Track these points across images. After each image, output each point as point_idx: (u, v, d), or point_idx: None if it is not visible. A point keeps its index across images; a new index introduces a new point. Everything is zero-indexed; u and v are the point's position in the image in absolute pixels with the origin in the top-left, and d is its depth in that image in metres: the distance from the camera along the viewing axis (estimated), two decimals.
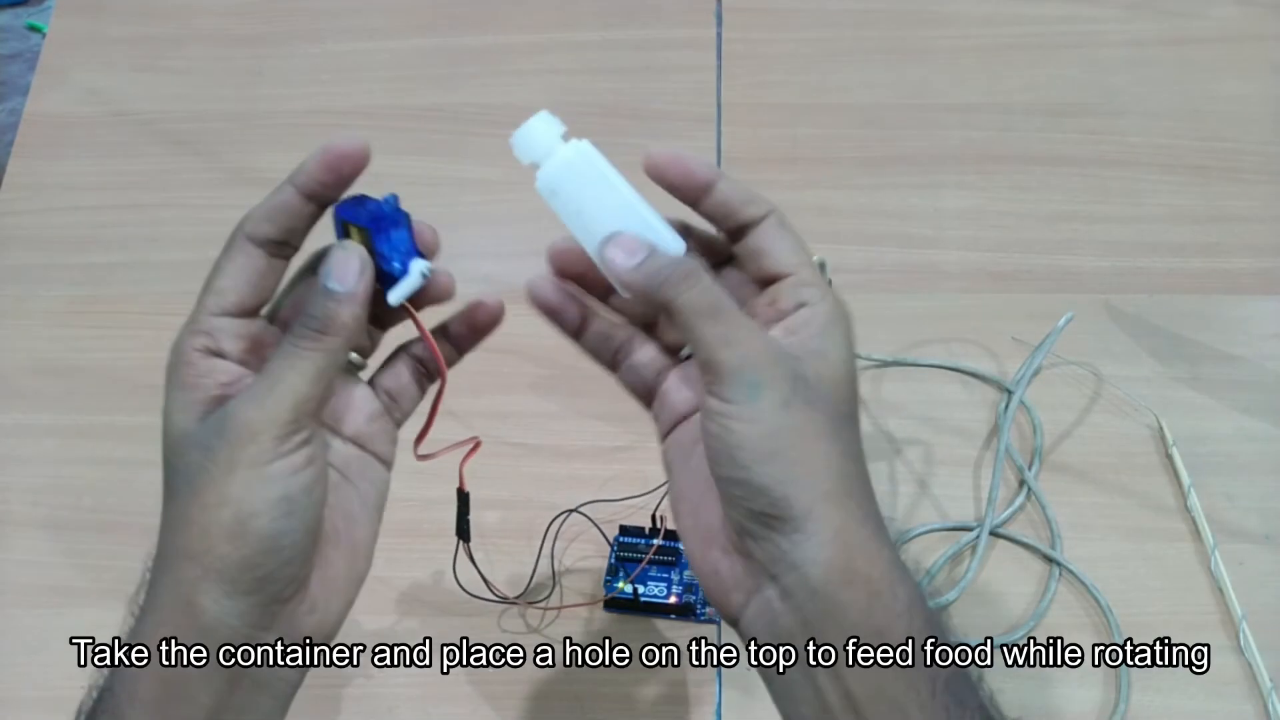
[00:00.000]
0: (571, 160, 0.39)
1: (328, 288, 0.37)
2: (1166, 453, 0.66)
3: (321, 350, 0.37)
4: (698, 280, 0.37)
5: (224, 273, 0.38)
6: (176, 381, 0.37)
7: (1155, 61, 0.84)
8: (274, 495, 0.36)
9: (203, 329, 0.37)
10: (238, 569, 0.35)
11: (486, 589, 0.56)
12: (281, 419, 0.36)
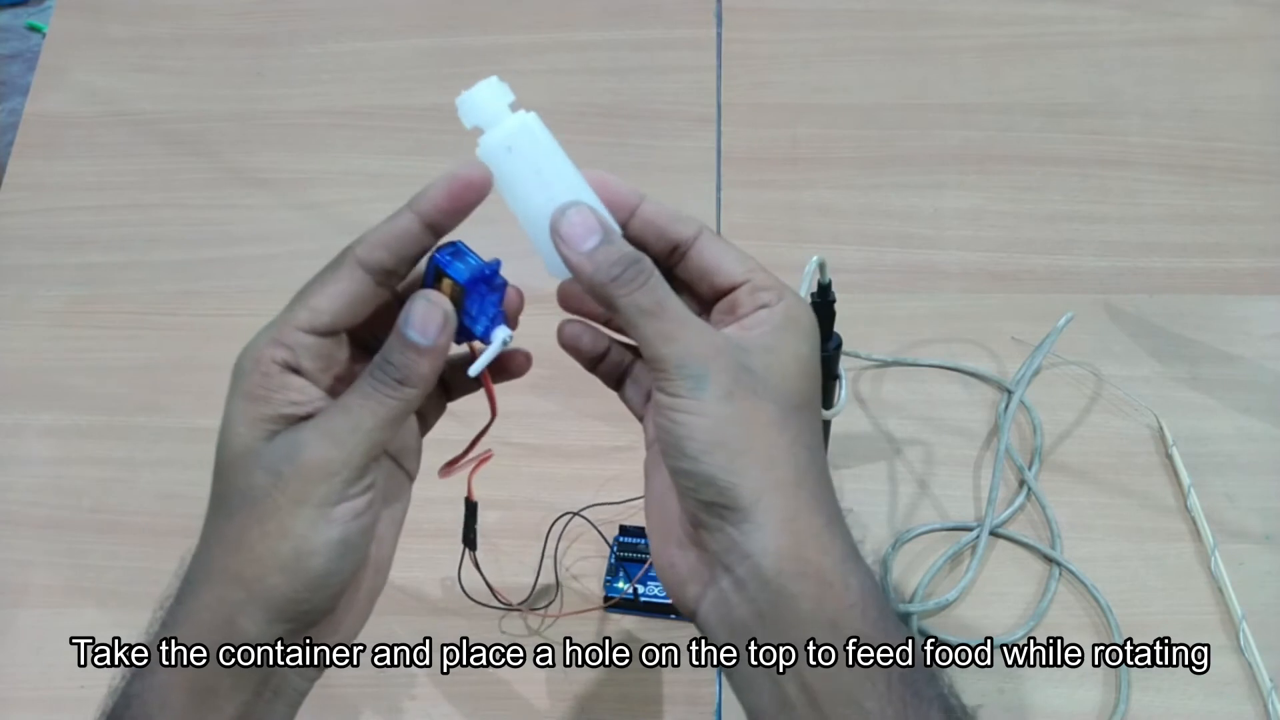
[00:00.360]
0: (517, 130, 0.38)
1: (409, 337, 0.37)
2: (1166, 453, 0.66)
3: (401, 400, 0.37)
4: (644, 279, 0.37)
5: (325, 292, 0.37)
6: (246, 390, 0.36)
7: (1155, 61, 0.84)
8: (335, 537, 0.36)
9: (286, 342, 0.37)
10: (285, 601, 0.36)
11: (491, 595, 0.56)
12: (356, 463, 0.36)
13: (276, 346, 0.37)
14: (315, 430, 0.36)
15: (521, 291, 0.41)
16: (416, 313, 0.37)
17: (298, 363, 0.37)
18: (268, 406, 0.36)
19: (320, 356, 0.38)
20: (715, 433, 0.36)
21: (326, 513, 0.36)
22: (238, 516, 0.36)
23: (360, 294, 0.37)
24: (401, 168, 0.79)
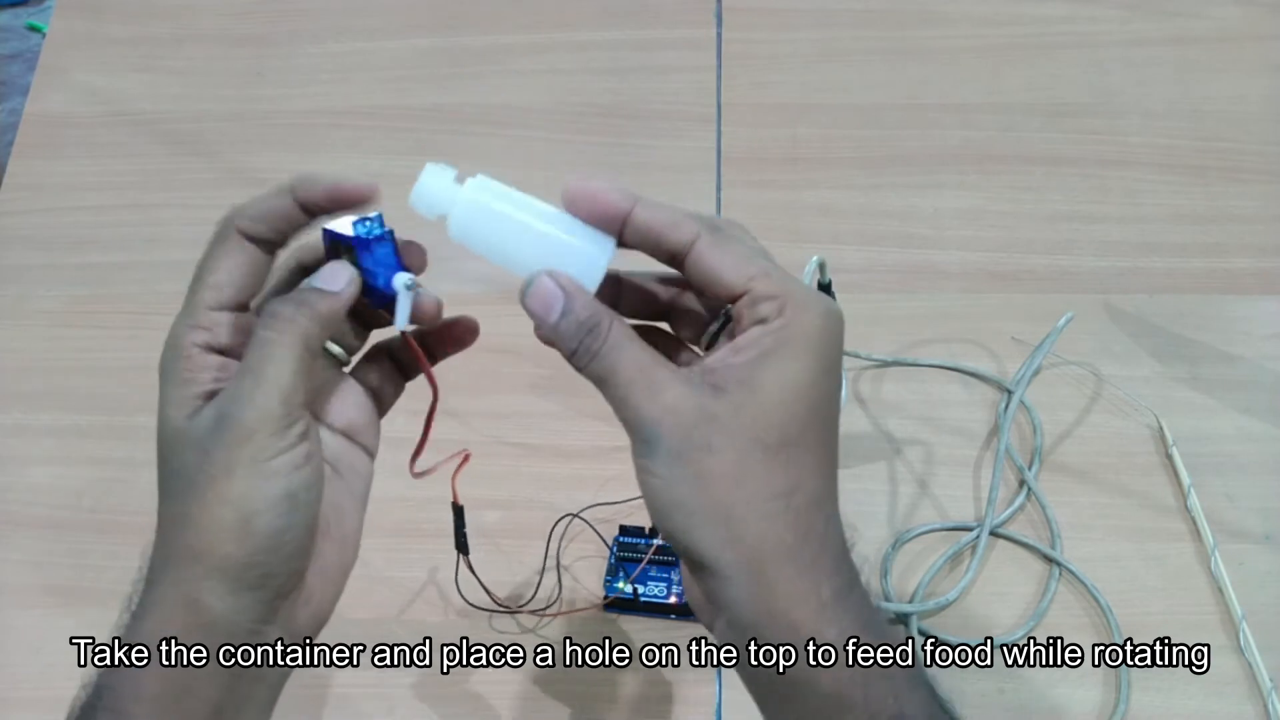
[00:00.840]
0: (472, 201, 0.38)
1: (313, 285, 0.38)
2: (1166, 453, 0.66)
3: (294, 335, 0.37)
4: (596, 347, 0.37)
5: (218, 267, 0.38)
6: (173, 377, 0.37)
7: (1155, 61, 0.84)
8: (277, 492, 0.36)
9: (201, 324, 0.37)
10: (242, 567, 0.36)
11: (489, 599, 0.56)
12: (273, 413, 0.36)
13: (194, 329, 0.37)
14: (225, 397, 0.36)
15: (420, 244, 0.40)
16: (324, 270, 0.38)
17: (218, 341, 0.37)
18: (194, 387, 0.37)
19: (239, 330, 0.38)
20: (668, 494, 0.36)
21: (260, 469, 0.36)
22: (179, 498, 0.36)
23: (250, 262, 0.38)
24: (401, 168, 0.78)
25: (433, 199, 0.38)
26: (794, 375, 0.36)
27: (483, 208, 0.38)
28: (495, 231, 0.38)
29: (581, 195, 0.38)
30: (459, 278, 0.70)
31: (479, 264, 0.77)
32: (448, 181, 0.39)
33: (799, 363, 0.36)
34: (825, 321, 0.36)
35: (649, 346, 0.38)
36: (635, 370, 0.37)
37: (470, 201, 0.38)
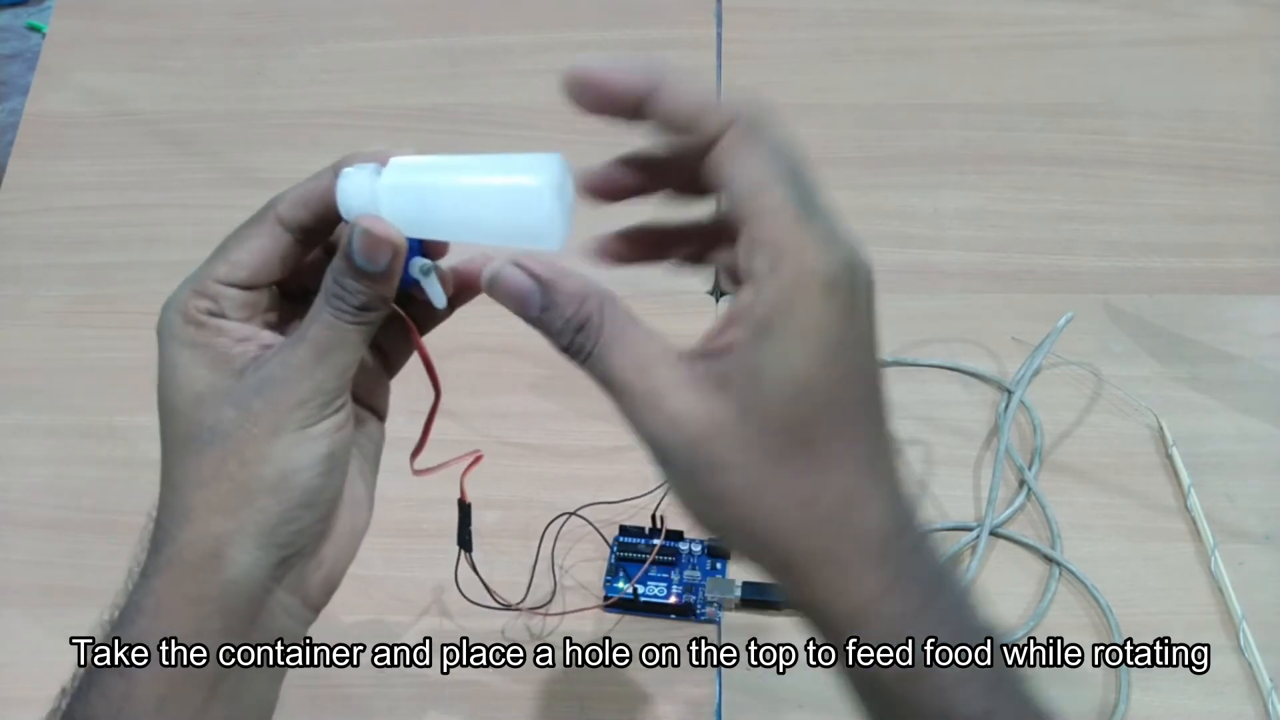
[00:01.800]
0: (393, 187, 0.36)
1: (359, 264, 0.36)
2: (1166, 453, 0.66)
3: (366, 324, 0.37)
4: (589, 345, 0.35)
5: (245, 247, 0.37)
6: (186, 340, 0.37)
7: (1155, 61, 0.84)
8: (321, 452, 0.36)
9: (208, 294, 0.37)
10: (277, 521, 0.36)
11: (489, 596, 0.56)
12: (328, 387, 0.36)
13: (199, 298, 0.37)
14: (282, 364, 0.36)
15: None
16: (361, 243, 0.36)
17: (222, 312, 0.37)
18: (213, 350, 0.37)
19: (245, 306, 0.38)
20: (690, 507, 0.35)
21: (306, 433, 0.36)
22: (209, 452, 0.36)
23: (280, 251, 0.38)
24: None
25: (358, 203, 0.36)
26: (796, 364, 0.31)
27: (406, 190, 0.36)
28: (431, 208, 0.36)
29: (582, 77, 0.33)
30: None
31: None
32: (366, 178, 0.36)
33: (800, 347, 0.31)
34: (831, 286, 0.31)
35: (650, 332, 0.35)
36: (633, 374, 0.34)
37: (391, 188, 0.36)
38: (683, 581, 0.61)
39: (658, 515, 0.62)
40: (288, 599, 0.38)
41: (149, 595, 0.36)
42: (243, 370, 0.37)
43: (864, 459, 0.33)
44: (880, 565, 0.33)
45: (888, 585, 0.33)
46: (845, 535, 0.33)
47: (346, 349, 0.37)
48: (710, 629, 0.61)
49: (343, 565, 0.40)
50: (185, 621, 0.36)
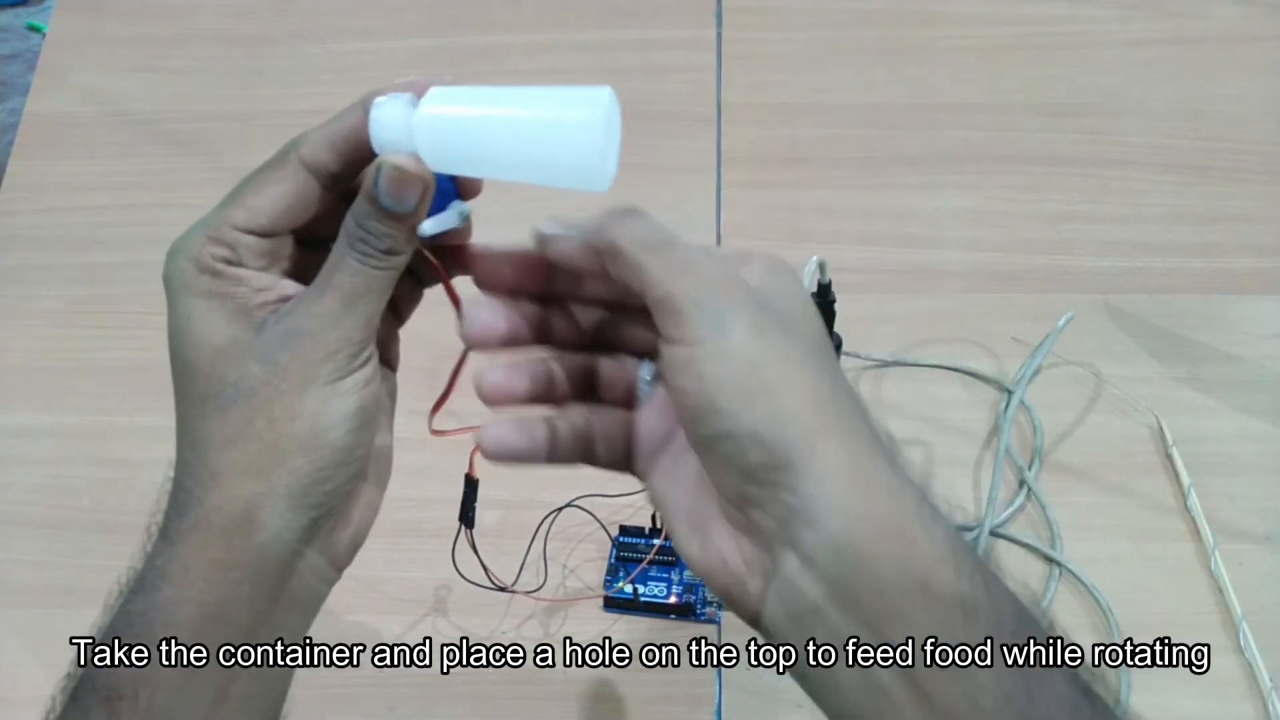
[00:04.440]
0: (432, 119, 0.34)
1: (386, 206, 0.34)
2: (1166, 453, 0.66)
3: (393, 269, 0.35)
4: (638, 215, 0.34)
5: (264, 193, 0.36)
6: (201, 289, 0.35)
7: (1155, 61, 0.84)
8: (351, 408, 0.35)
9: (225, 240, 0.35)
10: (309, 482, 0.35)
11: (485, 576, 0.55)
12: (357, 337, 0.35)
13: (215, 245, 0.35)
14: (307, 314, 0.35)
15: None
16: (389, 177, 0.34)
17: (240, 261, 0.35)
18: (233, 301, 0.35)
19: (263, 255, 0.36)
20: (751, 377, 0.31)
21: (336, 387, 0.35)
22: (234, 410, 0.34)
23: (303, 196, 0.36)
24: None
25: (394, 136, 0.34)
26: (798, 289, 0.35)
27: (445, 122, 0.34)
28: (472, 142, 0.34)
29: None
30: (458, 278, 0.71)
31: None
32: (401, 110, 0.34)
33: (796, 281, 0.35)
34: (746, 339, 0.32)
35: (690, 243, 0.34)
36: (686, 243, 0.33)
37: (429, 121, 0.34)
38: (683, 581, 0.61)
39: (657, 515, 0.62)
40: (317, 560, 0.37)
41: (173, 560, 0.34)
42: (263, 323, 0.35)
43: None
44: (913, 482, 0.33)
45: (925, 488, 0.33)
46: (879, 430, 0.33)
47: (373, 296, 0.35)
48: (710, 629, 0.61)
49: (369, 522, 0.39)
50: (214, 587, 0.34)
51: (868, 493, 0.31)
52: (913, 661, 0.31)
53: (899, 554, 0.31)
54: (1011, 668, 0.30)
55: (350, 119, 0.35)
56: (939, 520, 0.32)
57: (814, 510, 0.31)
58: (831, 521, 0.31)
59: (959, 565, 0.31)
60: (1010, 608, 0.32)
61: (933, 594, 0.31)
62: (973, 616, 0.31)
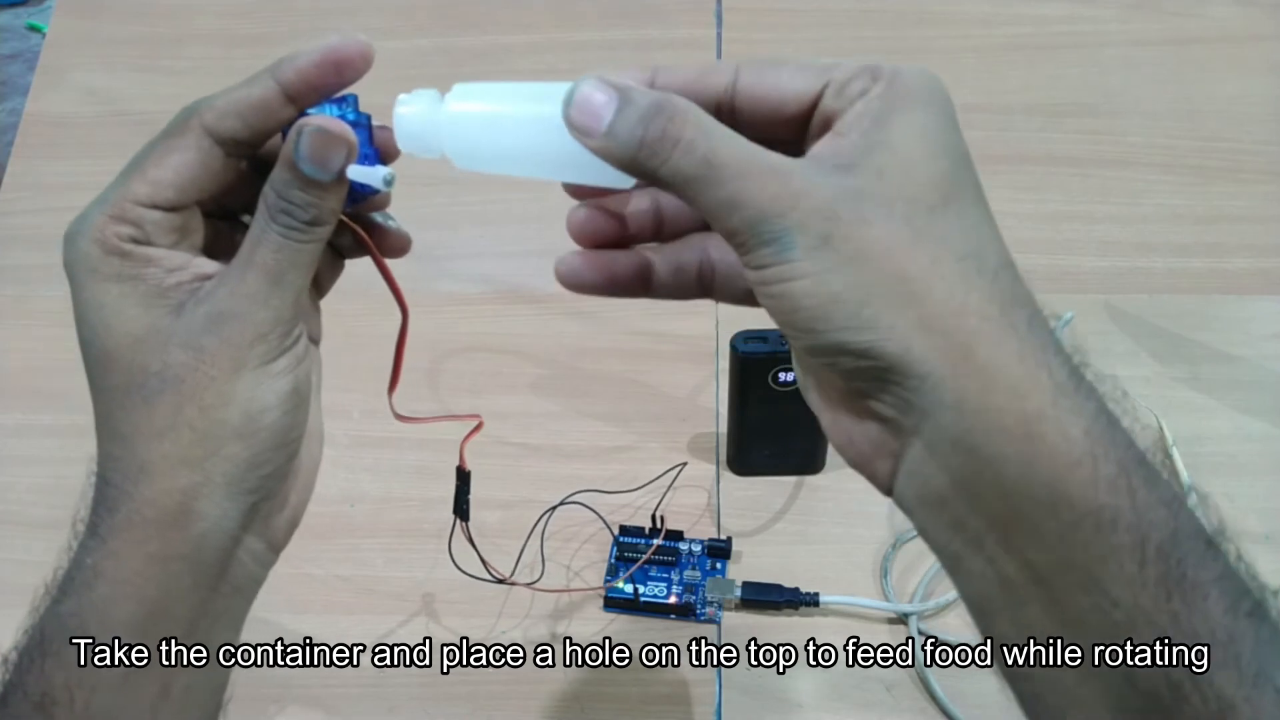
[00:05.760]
0: (458, 116, 0.34)
1: (308, 174, 0.33)
2: (1166, 452, 0.66)
3: (317, 240, 0.34)
4: (675, 134, 0.30)
5: (167, 163, 0.33)
6: (108, 273, 0.33)
7: (1155, 61, 0.84)
8: (285, 389, 0.34)
9: (129, 218, 0.33)
10: (245, 468, 0.34)
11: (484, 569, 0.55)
12: (286, 316, 0.34)
13: (118, 224, 0.33)
14: (231, 295, 0.33)
15: (388, 128, 0.36)
16: (311, 145, 0.33)
17: (147, 239, 0.33)
18: (144, 284, 0.33)
19: (171, 231, 0.34)
20: (821, 292, 0.29)
21: (268, 369, 0.34)
22: (160, 401, 0.33)
23: (208, 165, 0.34)
24: (401, 167, 0.79)
25: (420, 134, 0.34)
26: (925, 125, 0.30)
27: (472, 119, 0.34)
28: (499, 138, 0.33)
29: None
30: (458, 278, 0.71)
31: (479, 263, 0.77)
32: (426, 107, 0.34)
33: (925, 114, 0.31)
34: (925, 76, 0.31)
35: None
36: (741, 153, 0.30)
37: (456, 118, 0.34)
38: (683, 581, 0.61)
39: (658, 515, 0.62)
40: (255, 544, 0.36)
41: (107, 558, 0.33)
42: (180, 305, 0.33)
43: (999, 232, 0.32)
44: (1060, 347, 0.30)
45: (1078, 371, 0.30)
46: (1019, 302, 0.30)
47: (299, 271, 0.34)
48: (710, 629, 0.61)
49: (305, 501, 0.38)
50: (152, 582, 0.33)
51: (985, 387, 0.29)
52: (1039, 567, 0.29)
53: (1023, 454, 0.28)
54: (1151, 588, 0.28)
55: (260, 87, 0.34)
56: (1080, 416, 0.29)
57: (927, 404, 0.29)
58: (944, 418, 0.29)
59: (1098, 469, 0.28)
60: (1162, 518, 0.28)
61: (1061, 500, 0.28)
62: (1108, 528, 0.28)
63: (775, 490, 0.65)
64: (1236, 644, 0.28)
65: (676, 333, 0.72)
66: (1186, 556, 0.28)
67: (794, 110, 0.32)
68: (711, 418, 0.68)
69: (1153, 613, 0.28)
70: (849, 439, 0.33)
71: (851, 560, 0.62)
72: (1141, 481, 0.29)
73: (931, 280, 0.29)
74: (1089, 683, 0.29)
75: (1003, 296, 0.30)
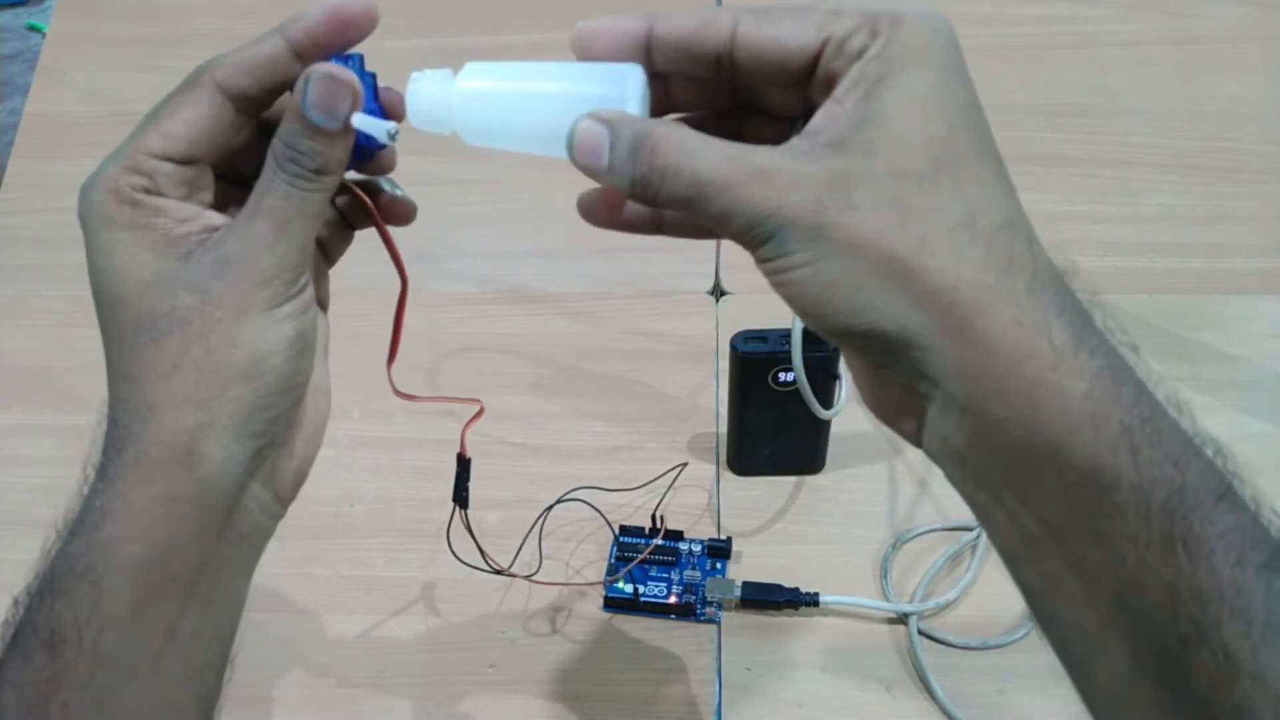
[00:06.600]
0: (471, 93, 0.35)
1: (314, 121, 0.34)
2: None
3: (325, 189, 0.35)
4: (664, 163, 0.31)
5: (179, 117, 0.35)
6: (121, 221, 0.34)
7: (1155, 61, 0.84)
8: (289, 334, 0.35)
9: (141, 170, 0.34)
10: (251, 410, 0.34)
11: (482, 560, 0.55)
12: (291, 263, 0.34)
13: (131, 174, 0.34)
14: (238, 241, 0.34)
15: (396, 90, 0.37)
16: (318, 91, 0.33)
17: (158, 190, 0.35)
18: (154, 232, 0.34)
19: (182, 184, 0.35)
20: (820, 280, 0.30)
21: (274, 314, 0.34)
22: (167, 342, 0.34)
23: (219, 121, 0.35)
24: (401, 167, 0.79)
25: (432, 109, 0.35)
26: (920, 86, 0.30)
27: (483, 96, 0.35)
28: (508, 115, 0.35)
29: (589, 38, 0.33)
30: (458, 278, 0.71)
31: (480, 263, 0.77)
32: (438, 85, 0.35)
33: (920, 74, 0.30)
34: (929, 24, 0.31)
35: (725, 139, 0.32)
36: (725, 165, 0.31)
37: (467, 94, 0.35)
38: (683, 581, 0.61)
39: (658, 515, 0.62)
40: (261, 493, 0.36)
41: (115, 499, 0.34)
42: (189, 253, 0.34)
43: (1010, 192, 0.32)
44: (1064, 306, 0.31)
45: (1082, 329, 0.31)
46: (1019, 264, 0.31)
47: (305, 220, 0.34)
48: (710, 629, 0.61)
49: (311, 456, 0.39)
50: (159, 524, 0.34)
51: (985, 354, 0.30)
52: (1052, 523, 0.30)
53: (1025, 417, 0.30)
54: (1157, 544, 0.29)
55: (269, 44, 0.34)
56: (1080, 378, 0.29)
57: (933, 373, 0.31)
58: (950, 385, 0.30)
59: (1098, 431, 0.29)
60: (1168, 475, 0.29)
61: (1063, 461, 0.29)
62: (1109, 488, 0.29)
63: (775, 490, 0.65)
64: (1244, 596, 0.28)
65: (676, 333, 0.72)
66: (1193, 511, 0.29)
67: (796, 66, 0.32)
68: (711, 418, 0.68)
69: (1158, 567, 0.29)
70: (877, 401, 0.34)
71: (851, 560, 0.62)
72: (1146, 440, 0.30)
73: (922, 258, 0.30)
74: (1107, 633, 0.31)
75: (998, 263, 0.30)
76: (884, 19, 0.31)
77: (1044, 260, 0.31)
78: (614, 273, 0.74)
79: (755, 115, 0.36)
